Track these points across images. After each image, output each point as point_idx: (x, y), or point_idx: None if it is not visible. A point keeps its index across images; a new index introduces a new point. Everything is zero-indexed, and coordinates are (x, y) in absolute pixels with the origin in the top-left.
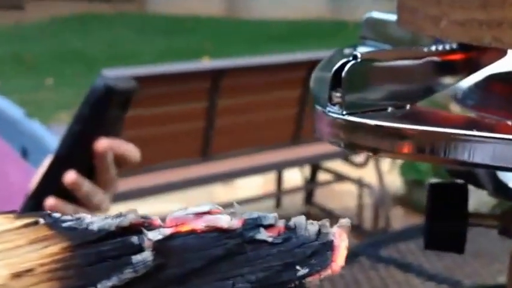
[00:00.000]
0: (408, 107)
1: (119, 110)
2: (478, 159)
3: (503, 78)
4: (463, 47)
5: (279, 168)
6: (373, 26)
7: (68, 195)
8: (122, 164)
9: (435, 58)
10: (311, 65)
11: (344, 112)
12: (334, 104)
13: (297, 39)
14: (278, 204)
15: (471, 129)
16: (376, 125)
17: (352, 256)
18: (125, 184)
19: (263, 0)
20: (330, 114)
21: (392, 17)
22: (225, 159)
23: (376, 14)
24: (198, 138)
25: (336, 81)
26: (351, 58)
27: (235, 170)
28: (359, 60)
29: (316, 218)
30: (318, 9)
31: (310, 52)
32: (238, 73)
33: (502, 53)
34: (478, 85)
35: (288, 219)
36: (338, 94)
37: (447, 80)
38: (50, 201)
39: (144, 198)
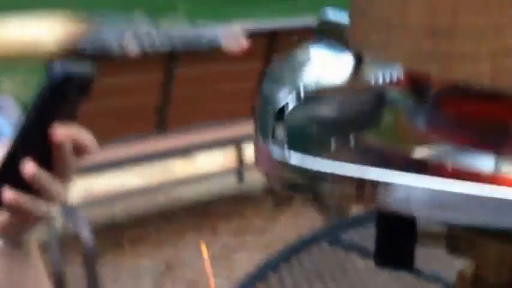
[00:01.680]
0: (352, 139)
1: (77, 97)
2: (412, 206)
3: (455, 99)
4: (410, 75)
5: (239, 142)
6: (327, 26)
7: (25, 185)
8: (80, 153)
9: (381, 88)
10: (272, 35)
11: (286, 151)
12: (276, 141)
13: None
14: (240, 179)
15: (409, 171)
16: (316, 170)
17: (312, 240)
18: None
19: None
20: (271, 150)
21: (347, 18)
22: (182, 133)
23: (332, 15)
24: (153, 111)
25: (279, 118)
26: (294, 95)
27: (193, 144)
28: (301, 99)
29: (280, 193)
30: None
31: (271, 21)
32: None
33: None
34: (429, 107)
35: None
36: (281, 130)
37: (394, 107)
38: (8, 193)
39: (101, 173)
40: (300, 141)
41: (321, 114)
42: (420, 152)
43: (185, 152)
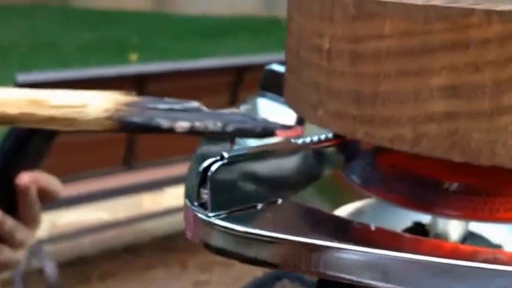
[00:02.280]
0: (280, 202)
1: (43, 144)
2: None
3: (390, 155)
4: (338, 136)
5: None
6: (272, 78)
7: None
8: (45, 198)
9: (309, 148)
10: (239, 70)
11: (210, 214)
12: (201, 204)
13: (228, 34)
14: None
15: (343, 234)
16: (243, 234)
17: (279, 275)
18: None
19: None
20: (196, 213)
21: None
22: (150, 168)
23: (276, 67)
24: (121, 146)
25: (203, 180)
26: (218, 158)
27: (162, 179)
28: (226, 160)
29: None
30: (251, 5)
31: (238, 57)
32: (163, 78)
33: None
34: (363, 164)
35: None
36: (205, 192)
37: (324, 167)
38: None
39: (68, 207)
40: (226, 202)
41: (251, 173)
42: (353, 213)
43: (153, 186)
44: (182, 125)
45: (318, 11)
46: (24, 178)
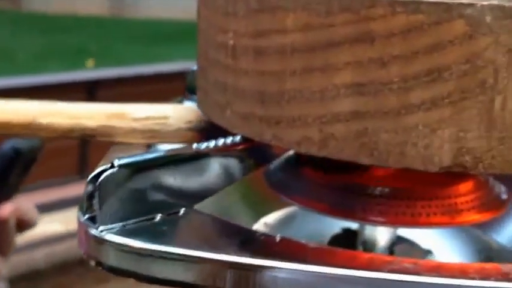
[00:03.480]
0: (182, 212)
1: (23, 171)
2: None
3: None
4: (247, 140)
5: None
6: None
7: None
8: (22, 227)
9: (216, 154)
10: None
11: (100, 228)
12: (91, 217)
13: (186, 39)
14: None
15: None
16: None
17: None
18: None
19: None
20: (86, 228)
21: None
22: None
23: None
24: (74, 155)
25: (92, 190)
26: (108, 166)
27: None
28: (116, 169)
29: None
30: None
31: (189, 62)
32: (114, 84)
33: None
34: (281, 168)
35: None
36: (94, 204)
37: (233, 173)
38: None
39: None
40: (119, 214)
41: (149, 182)
42: (278, 222)
43: None
44: None
45: (222, 5)
46: (5, 210)
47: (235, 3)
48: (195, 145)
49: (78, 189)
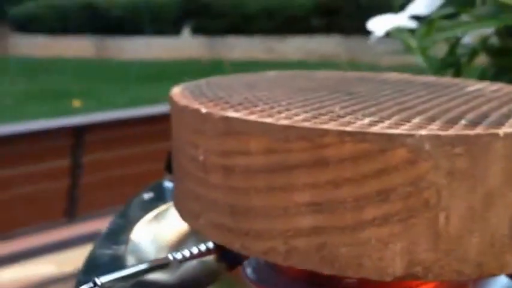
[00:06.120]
0: None
1: None
2: None
3: None
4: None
5: None
6: None
7: None
8: None
9: (191, 261)
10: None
11: None
12: None
13: (170, 78)
14: None
15: None
16: None
17: None
18: None
19: (134, 41)
20: None
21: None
22: (92, 219)
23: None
24: (62, 198)
25: None
26: (91, 285)
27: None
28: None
29: None
30: (193, 49)
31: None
32: (102, 128)
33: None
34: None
35: None
36: None
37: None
38: None
39: (10, 264)
40: None
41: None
42: None
43: (96, 237)
44: None
45: (192, 123)
46: None
47: (204, 123)
48: (170, 256)
49: (68, 231)
